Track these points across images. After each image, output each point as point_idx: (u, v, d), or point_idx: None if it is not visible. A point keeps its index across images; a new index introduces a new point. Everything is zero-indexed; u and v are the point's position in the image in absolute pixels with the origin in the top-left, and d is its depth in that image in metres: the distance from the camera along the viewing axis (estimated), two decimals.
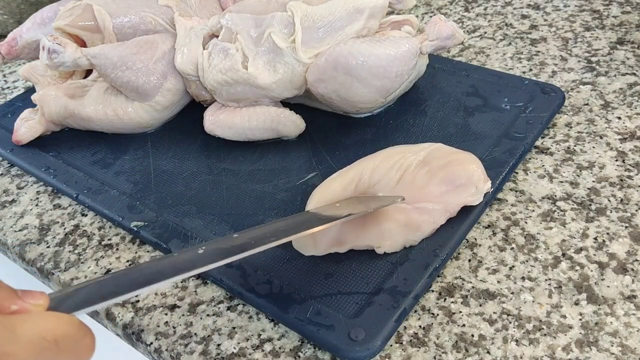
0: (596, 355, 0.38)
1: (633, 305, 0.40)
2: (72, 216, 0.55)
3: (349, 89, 0.52)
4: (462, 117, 0.56)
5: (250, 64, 0.53)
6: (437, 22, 0.53)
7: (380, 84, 0.52)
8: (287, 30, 0.53)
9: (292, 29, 0.53)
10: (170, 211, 0.52)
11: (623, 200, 0.48)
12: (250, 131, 0.56)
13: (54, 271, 0.50)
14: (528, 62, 0.65)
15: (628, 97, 0.58)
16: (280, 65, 0.53)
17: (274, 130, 0.56)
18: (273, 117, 0.55)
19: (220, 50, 0.54)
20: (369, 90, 0.52)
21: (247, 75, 0.53)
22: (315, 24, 0.53)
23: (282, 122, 0.55)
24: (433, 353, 0.39)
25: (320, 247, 0.44)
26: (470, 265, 0.45)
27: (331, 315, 0.41)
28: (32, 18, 0.65)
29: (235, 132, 0.56)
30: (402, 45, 0.51)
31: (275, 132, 0.56)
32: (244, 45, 0.53)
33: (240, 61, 0.53)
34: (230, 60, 0.53)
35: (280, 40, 0.52)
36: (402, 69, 0.52)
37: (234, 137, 0.57)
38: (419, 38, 0.53)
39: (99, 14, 0.58)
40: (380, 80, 0.52)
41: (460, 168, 0.46)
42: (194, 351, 0.42)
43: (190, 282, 0.47)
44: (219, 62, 0.53)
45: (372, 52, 0.51)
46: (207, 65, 0.54)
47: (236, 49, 0.53)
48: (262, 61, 0.53)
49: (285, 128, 0.56)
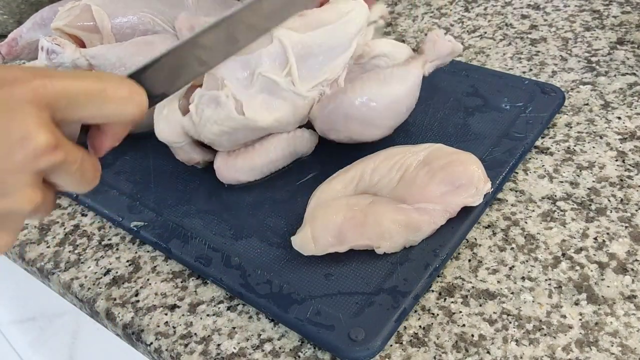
0: (596, 355, 0.38)
1: (633, 305, 0.40)
2: (72, 216, 0.55)
3: (362, 133, 0.51)
4: (462, 117, 0.56)
5: (246, 108, 0.47)
6: (434, 40, 0.51)
7: (394, 122, 0.51)
8: (278, 63, 0.48)
9: (284, 60, 0.48)
10: (170, 211, 0.52)
11: (623, 200, 0.48)
12: (272, 165, 0.53)
13: (54, 271, 0.50)
14: (528, 62, 0.65)
15: (628, 97, 0.58)
16: (278, 101, 0.49)
17: (292, 153, 0.53)
18: (289, 141, 0.52)
19: (209, 100, 0.47)
20: (382, 130, 0.51)
21: (246, 121, 0.48)
22: (312, 51, 0.48)
23: (298, 144, 0.53)
24: (433, 353, 0.39)
25: (320, 247, 0.44)
26: (470, 265, 0.45)
27: (331, 315, 0.41)
28: (32, 18, 0.65)
29: (259, 172, 0.52)
30: (408, 79, 0.50)
31: (294, 154, 0.54)
32: (233, 90, 0.47)
33: (234, 107, 0.47)
34: (224, 108, 0.47)
35: (273, 75, 0.47)
36: (411, 102, 0.51)
37: (258, 176, 0.53)
38: (419, 62, 0.51)
39: (97, 14, 0.58)
40: (393, 119, 0.51)
41: (461, 169, 0.46)
42: (194, 351, 0.42)
43: (190, 282, 0.47)
44: (212, 114, 0.48)
45: (381, 94, 0.48)
46: (197, 119, 0.48)
47: (226, 96, 0.47)
48: (258, 102, 0.48)
49: (303, 147, 0.53)
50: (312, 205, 0.47)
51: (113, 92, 0.31)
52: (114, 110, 0.31)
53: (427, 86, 0.61)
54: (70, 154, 0.30)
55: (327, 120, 0.50)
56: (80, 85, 0.30)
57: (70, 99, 0.29)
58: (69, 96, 0.29)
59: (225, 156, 0.52)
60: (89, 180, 0.32)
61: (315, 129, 0.53)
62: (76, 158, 0.30)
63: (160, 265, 0.49)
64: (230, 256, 0.46)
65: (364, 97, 0.48)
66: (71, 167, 0.30)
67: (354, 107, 0.48)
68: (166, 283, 0.47)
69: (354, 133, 0.51)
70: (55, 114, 0.29)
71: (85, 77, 0.30)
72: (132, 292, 0.47)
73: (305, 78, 0.49)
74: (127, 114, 0.32)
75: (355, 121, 0.49)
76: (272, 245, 0.47)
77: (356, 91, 0.49)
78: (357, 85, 0.49)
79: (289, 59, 0.47)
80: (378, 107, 0.49)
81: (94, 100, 0.30)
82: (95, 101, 0.30)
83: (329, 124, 0.50)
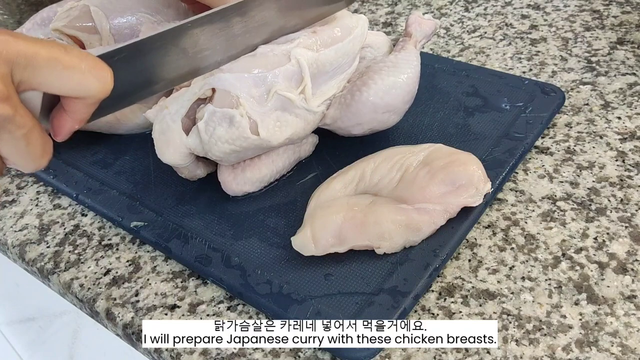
0: (596, 355, 0.38)
1: (633, 305, 0.40)
2: (72, 216, 0.55)
3: (385, 122, 0.52)
4: (462, 117, 0.56)
5: (261, 128, 0.46)
6: (419, 22, 0.54)
7: (409, 105, 0.53)
8: (293, 82, 0.48)
9: (299, 79, 0.48)
10: (170, 211, 0.52)
11: (623, 200, 0.48)
12: (278, 173, 0.53)
13: (54, 271, 0.50)
14: (528, 62, 0.65)
15: (628, 97, 0.58)
16: (291, 118, 0.48)
17: (296, 159, 0.54)
18: (295, 149, 0.53)
19: (222, 118, 0.45)
20: (399, 115, 0.53)
21: (260, 141, 0.47)
22: (324, 68, 0.49)
23: (302, 150, 0.54)
24: (433, 353, 0.39)
25: (320, 247, 0.44)
26: (470, 265, 0.45)
27: (331, 315, 0.41)
28: (32, 19, 0.65)
29: (266, 182, 0.52)
30: (412, 61, 0.52)
31: (297, 159, 0.54)
32: (248, 108, 0.46)
33: (248, 127, 0.46)
34: (238, 128, 0.45)
35: (288, 93, 0.47)
36: (418, 82, 0.52)
37: (263, 186, 0.52)
38: (412, 44, 0.53)
39: (95, 15, 0.58)
40: (409, 102, 0.52)
41: (461, 169, 0.46)
42: (194, 351, 0.42)
43: (190, 282, 0.47)
44: (224, 133, 0.46)
45: (399, 81, 0.50)
46: (207, 137, 0.46)
47: (241, 115, 0.45)
48: (272, 120, 0.47)
49: (305, 150, 0.54)
50: (312, 206, 0.47)
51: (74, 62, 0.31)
52: (75, 82, 0.31)
53: (427, 86, 0.61)
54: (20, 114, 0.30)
55: (352, 116, 0.51)
56: (42, 48, 0.30)
57: (29, 59, 0.29)
58: (29, 56, 0.29)
59: (230, 169, 0.51)
60: (35, 155, 0.32)
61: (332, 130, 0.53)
62: (25, 123, 0.30)
63: (160, 265, 0.49)
64: (230, 256, 0.46)
65: (386, 86, 0.50)
66: (17, 130, 0.30)
67: (380, 99, 0.50)
68: (166, 283, 0.47)
69: (379, 123, 0.52)
70: (15, 72, 0.29)
71: (50, 44, 0.30)
72: (132, 292, 0.47)
73: (316, 94, 0.50)
74: (89, 89, 0.32)
75: (381, 110, 0.51)
76: (272, 245, 0.47)
77: (378, 83, 0.50)
78: (376, 79, 0.50)
79: (304, 78, 0.48)
80: (400, 92, 0.51)
81: (54, 65, 0.30)
82: (55, 66, 0.30)
83: (354, 119, 0.51)
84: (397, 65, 0.51)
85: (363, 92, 0.50)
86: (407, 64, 0.52)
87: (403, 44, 0.53)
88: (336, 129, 0.53)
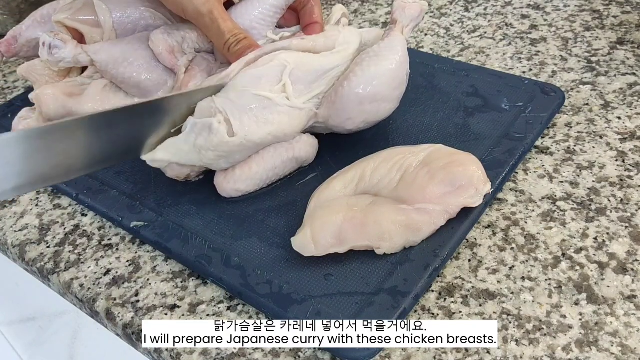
0: (596, 355, 0.38)
1: (633, 305, 0.40)
2: (72, 216, 0.55)
3: (377, 112, 0.52)
4: (462, 118, 0.56)
5: (237, 128, 0.47)
6: (403, 6, 0.53)
7: (399, 91, 0.52)
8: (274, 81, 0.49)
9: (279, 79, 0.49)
10: (170, 211, 0.52)
11: (623, 200, 0.48)
12: (272, 172, 0.52)
13: (54, 271, 0.50)
14: (528, 62, 0.65)
15: (628, 97, 0.58)
16: (272, 115, 0.49)
17: (292, 159, 0.53)
18: (287, 146, 0.52)
19: (202, 128, 0.47)
20: (392, 103, 0.53)
21: (240, 140, 0.48)
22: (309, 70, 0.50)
23: (297, 148, 0.53)
24: (433, 353, 0.39)
25: (320, 247, 0.44)
26: (470, 265, 0.45)
27: (331, 315, 0.41)
28: (32, 16, 0.65)
29: (259, 180, 0.52)
30: (396, 46, 0.51)
31: (294, 161, 0.53)
32: (228, 112, 0.47)
33: (225, 132, 0.47)
34: (216, 135, 0.47)
35: (265, 92, 0.48)
36: (406, 67, 0.52)
37: (259, 185, 0.52)
38: (397, 30, 0.53)
39: (99, 9, 0.58)
40: (398, 88, 0.52)
41: (461, 169, 0.46)
42: (194, 351, 0.42)
43: (190, 282, 0.47)
44: (205, 142, 0.47)
45: (381, 69, 0.50)
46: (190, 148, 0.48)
47: (218, 122, 0.47)
48: (248, 117, 0.48)
49: (303, 153, 0.53)
50: (312, 206, 0.47)
51: None
52: None
53: (427, 86, 0.61)
54: None
55: (341, 112, 0.51)
56: None
57: None
58: None
59: (223, 170, 0.51)
60: None
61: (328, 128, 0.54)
62: None
63: (160, 265, 0.49)
64: (230, 256, 0.47)
65: (368, 77, 0.50)
66: None
67: (362, 90, 0.50)
68: (166, 283, 0.47)
69: (370, 114, 0.52)
70: None
71: None
72: (132, 292, 0.47)
73: (302, 92, 0.51)
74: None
75: (368, 101, 0.51)
76: (272, 246, 0.47)
77: (358, 75, 0.50)
78: (356, 71, 0.51)
79: (283, 78, 0.49)
80: (384, 80, 0.50)
81: None
82: None
83: (343, 115, 0.51)
84: (379, 54, 0.51)
85: (345, 87, 0.50)
86: (389, 50, 0.51)
87: (388, 32, 0.53)
88: (331, 127, 0.53)
